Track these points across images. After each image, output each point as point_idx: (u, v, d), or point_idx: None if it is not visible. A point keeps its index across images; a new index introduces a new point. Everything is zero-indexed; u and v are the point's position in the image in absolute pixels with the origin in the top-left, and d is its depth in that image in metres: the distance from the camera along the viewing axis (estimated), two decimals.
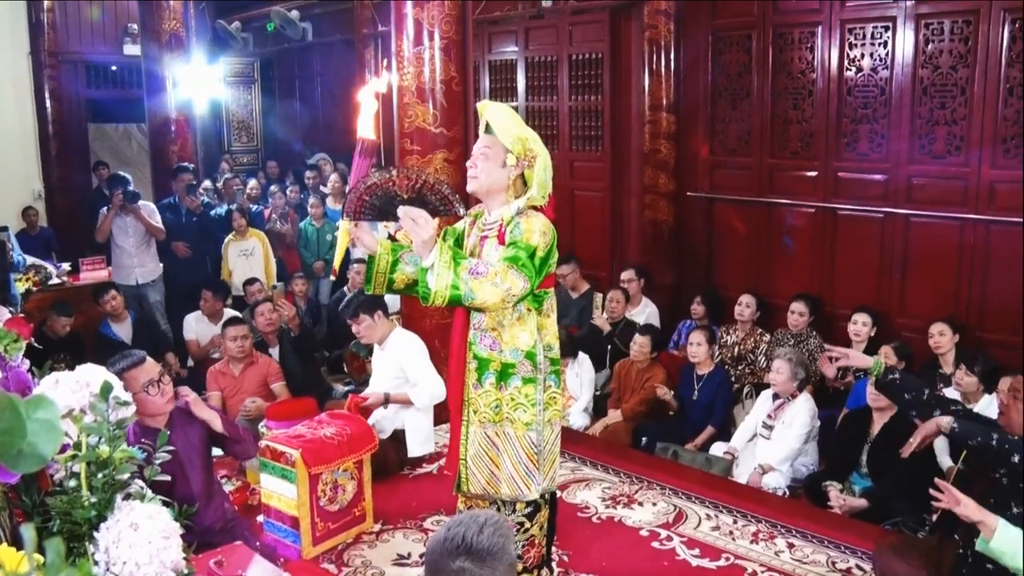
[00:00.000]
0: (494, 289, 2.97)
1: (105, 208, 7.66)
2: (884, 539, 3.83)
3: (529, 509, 3.36)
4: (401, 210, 3.01)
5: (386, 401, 4.99)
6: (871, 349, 5.87)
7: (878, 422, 4.72)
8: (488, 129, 3.26)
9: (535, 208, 3.21)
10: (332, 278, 7.79)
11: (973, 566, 3.13)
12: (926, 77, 6.15)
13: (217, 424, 3.83)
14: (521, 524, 3.36)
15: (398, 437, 5.04)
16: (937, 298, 6.22)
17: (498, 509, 3.35)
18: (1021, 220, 5.71)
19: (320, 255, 8.56)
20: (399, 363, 5.03)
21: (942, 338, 5.55)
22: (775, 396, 5.29)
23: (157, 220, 7.66)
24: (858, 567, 3.95)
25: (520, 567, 3.34)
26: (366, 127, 3.23)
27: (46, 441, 0.92)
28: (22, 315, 2.42)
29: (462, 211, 3.26)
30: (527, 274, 3.04)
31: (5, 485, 1.67)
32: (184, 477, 3.76)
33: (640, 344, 6.13)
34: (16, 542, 1.65)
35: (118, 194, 7.47)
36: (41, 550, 0.95)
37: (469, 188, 3.29)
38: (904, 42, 6.21)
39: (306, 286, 7.97)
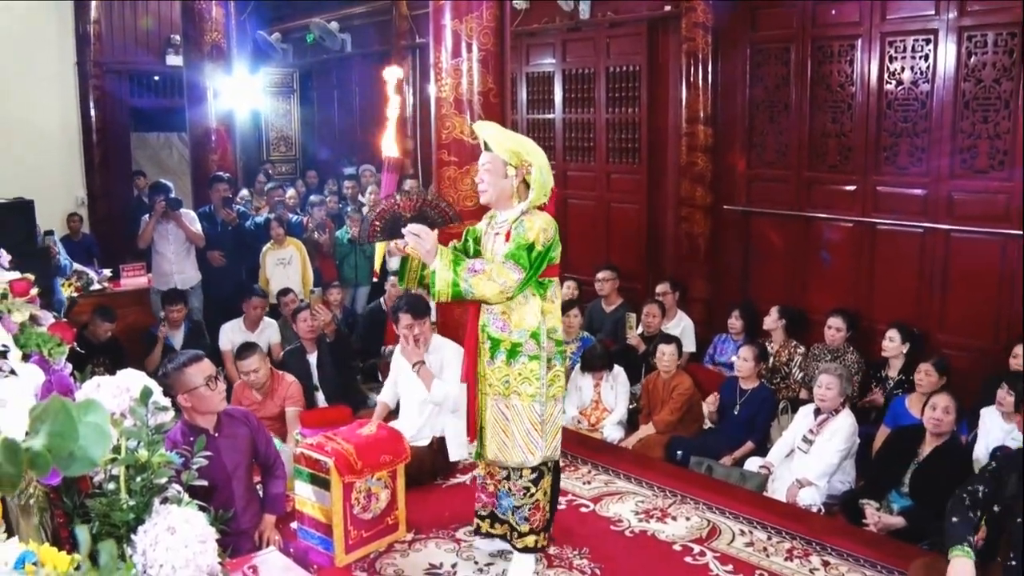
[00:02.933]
0: (490, 283, 3.53)
1: (147, 215, 7.76)
2: (918, 559, 3.77)
3: (534, 475, 3.83)
4: (405, 229, 3.59)
5: (419, 364, 4.98)
6: (908, 365, 5.81)
7: (930, 444, 4.66)
8: (487, 146, 3.76)
9: (539, 207, 3.73)
10: (374, 279, 7.82)
11: None
12: (968, 90, 6.08)
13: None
14: (527, 489, 3.85)
15: (433, 445, 5.04)
16: (978, 315, 6.13)
17: (507, 476, 3.87)
18: None
19: (356, 265, 8.62)
20: (440, 364, 5.03)
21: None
22: (816, 412, 5.23)
23: (197, 227, 7.74)
24: None
25: (527, 528, 3.87)
26: (389, 145, 3.79)
27: (96, 444, 0.94)
28: (65, 320, 2.46)
29: (458, 220, 3.86)
30: (522, 265, 3.57)
31: (47, 486, 1.70)
32: (227, 481, 3.82)
33: (665, 353, 6.10)
34: (57, 542, 1.68)
35: (160, 201, 7.56)
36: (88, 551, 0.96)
37: (482, 200, 3.84)
38: (946, 55, 6.15)
39: (342, 295, 8.02)
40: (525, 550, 3.90)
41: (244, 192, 9.49)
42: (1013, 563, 3.14)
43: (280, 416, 5.51)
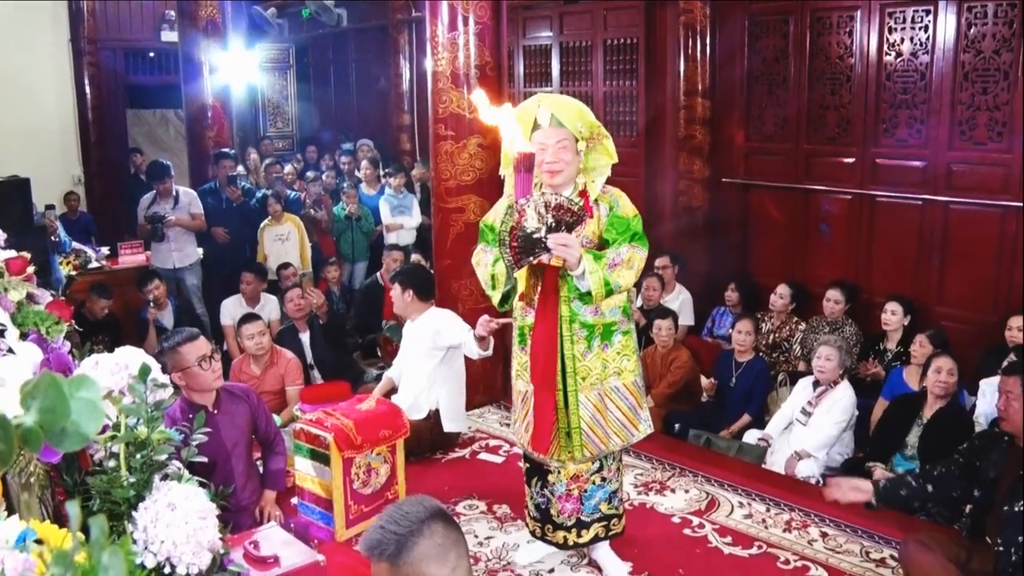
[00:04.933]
0: (630, 272, 3.38)
1: (145, 196, 7.75)
2: (912, 531, 3.80)
3: (620, 452, 3.77)
4: (551, 242, 3.22)
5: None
6: (906, 338, 5.82)
7: (932, 407, 4.73)
8: (555, 120, 3.37)
9: None
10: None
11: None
12: (968, 62, 6.05)
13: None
14: (619, 468, 3.78)
15: (431, 418, 5.06)
16: (976, 287, 6.14)
17: (601, 466, 3.68)
18: None
19: (353, 241, 8.62)
20: (433, 330, 5.00)
21: (1020, 333, 5.41)
22: (815, 384, 5.25)
23: (198, 208, 7.71)
24: (892, 557, 3.91)
25: (622, 508, 3.84)
26: (520, 140, 3.28)
27: (88, 420, 0.94)
28: (63, 298, 2.47)
29: (584, 215, 3.37)
30: (644, 245, 3.45)
31: (47, 464, 1.70)
32: (227, 457, 3.84)
33: (662, 328, 6.11)
34: (58, 520, 1.69)
35: (144, 225, 7.60)
36: (84, 527, 0.96)
37: (555, 181, 3.42)
38: (946, 26, 6.11)
39: (339, 272, 8.01)
40: (622, 532, 3.85)
41: (240, 168, 9.47)
42: (1001, 548, 3.16)
43: (279, 391, 5.55)
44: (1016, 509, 3.13)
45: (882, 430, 5.01)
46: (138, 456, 1.77)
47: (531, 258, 3.30)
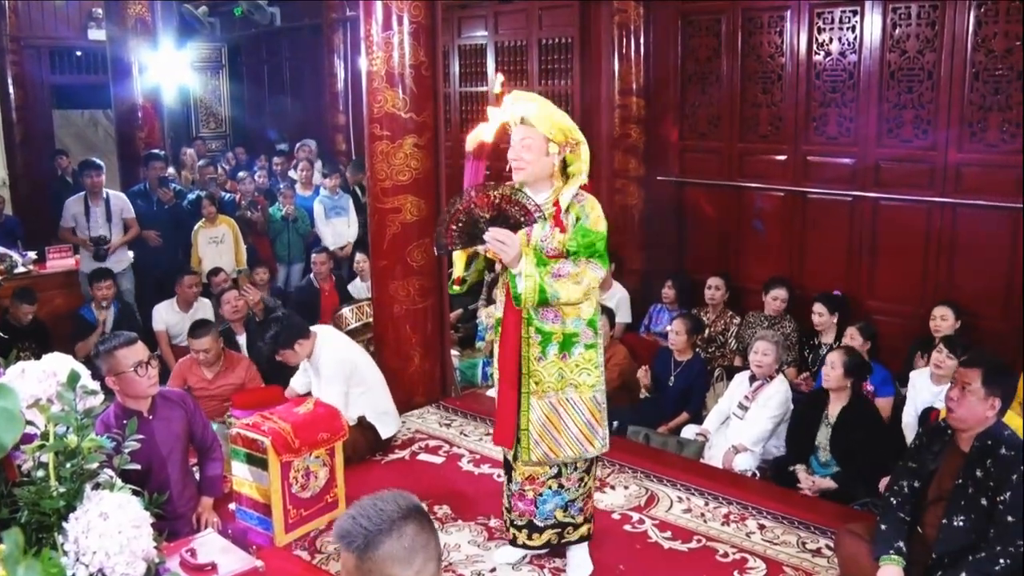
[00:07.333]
0: (576, 288, 3.31)
1: (73, 199, 7.56)
2: (847, 522, 3.88)
3: (587, 464, 3.68)
4: (488, 235, 3.24)
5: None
6: (841, 332, 5.93)
7: (836, 404, 4.77)
8: (523, 120, 3.41)
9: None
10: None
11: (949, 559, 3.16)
12: (893, 61, 6.20)
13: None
14: (582, 479, 3.69)
15: (363, 423, 5.01)
16: (905, 280, 6.29)
17: (559, 473, 3.64)
18: (986, 203, 5.81)
19: (289, 242, 8.53)
20: (323, 357, 4.99)
21: (943, 322, 5.61)
22: (752, 378, 5.32)
23: (129, 213, 7.55)
24: (827, 547, 3.99)
25: (582, 519, 3.75)
26: (486, 131, 3.40)
27: (6, 430, 0.91)
28: None
29: (542, 217, 3.37)
30: (603, 263, 3.42)
31: None
32: (163, 464, 3.78)
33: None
34: None
35: (90, 247, 7.41)
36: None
37: (517, 178, 3.45)
38: (872, 26, 6.26)
39: (268, 275, 7.88)
40: (580, 540, 3.79)
41: (171, 170, 9.30)
42: (934, 557, 3.22)
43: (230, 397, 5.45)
44: (956, 524, 3.19)
45: (794, 432, 5.02)
46: (68, 465, 1.73)
47: (464, 245, 3.33)
